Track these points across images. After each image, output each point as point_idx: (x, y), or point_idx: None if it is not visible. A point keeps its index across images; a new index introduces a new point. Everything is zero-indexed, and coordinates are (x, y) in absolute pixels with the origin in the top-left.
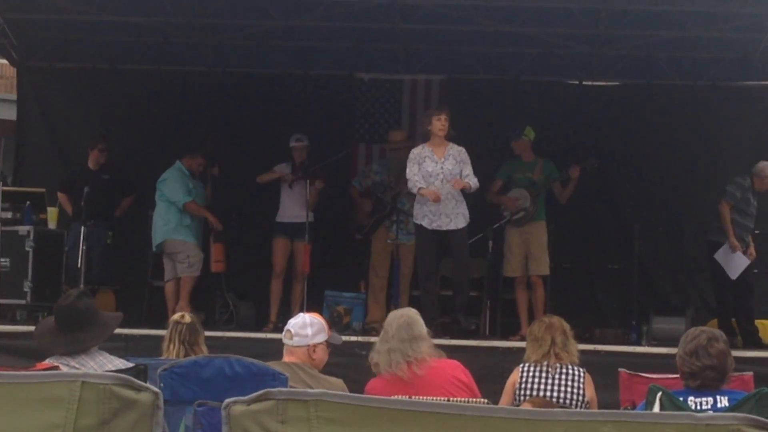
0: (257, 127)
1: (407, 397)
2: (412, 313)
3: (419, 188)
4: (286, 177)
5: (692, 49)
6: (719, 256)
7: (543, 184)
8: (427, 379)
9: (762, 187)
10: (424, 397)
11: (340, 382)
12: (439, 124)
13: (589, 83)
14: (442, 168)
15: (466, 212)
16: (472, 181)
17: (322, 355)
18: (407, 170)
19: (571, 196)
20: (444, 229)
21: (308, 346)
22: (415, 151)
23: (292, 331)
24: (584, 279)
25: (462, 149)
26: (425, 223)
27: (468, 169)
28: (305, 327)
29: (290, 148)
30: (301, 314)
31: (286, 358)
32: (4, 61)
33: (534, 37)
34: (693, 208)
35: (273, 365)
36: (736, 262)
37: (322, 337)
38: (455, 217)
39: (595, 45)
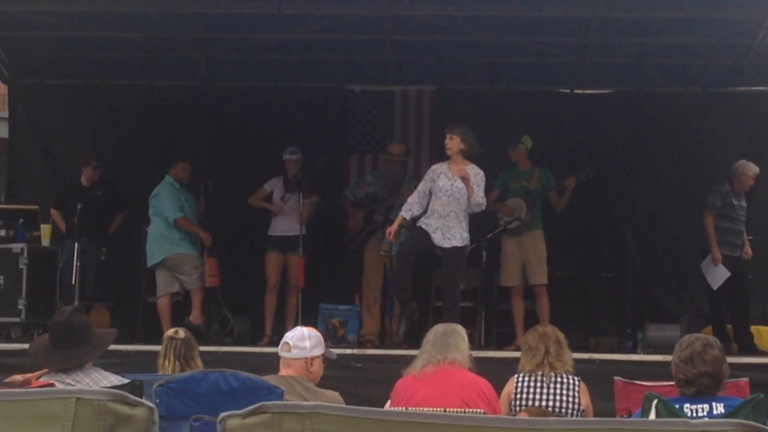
0: (249, 140)
1: (419, 409)
2: (454, 326)
3: (401, 215)
4: (275, 207)
5: (683, 56)
6: (703, 265)
7: (539, 193)
8: (450, 379)
9: (742, 187)
10: (430, 409)
11: (336, 395)
12: (444, 143)
13: (581, 92)
14: (452, 185)
15: (466, 234)
16: (479, 194)
17: (318, 369)
18: (416, 190)
19: (567, 205)
20: (440, 245)
21: (306, 358)
22: (434, 167)
23: (291, 343)
24: (578, 287)
25: (480, 173)
26: (424, 227)
27: (480, 192)
28: (303, 339)
29: (283, 161)
30: (299, 327)
31: (282, 372)
32: None
33: (525, 46)
34: (686, 215)
35: (269, 379)
36: (717, 274)
37: (319, 351)
38: (452, 236)
39: (586, 53)
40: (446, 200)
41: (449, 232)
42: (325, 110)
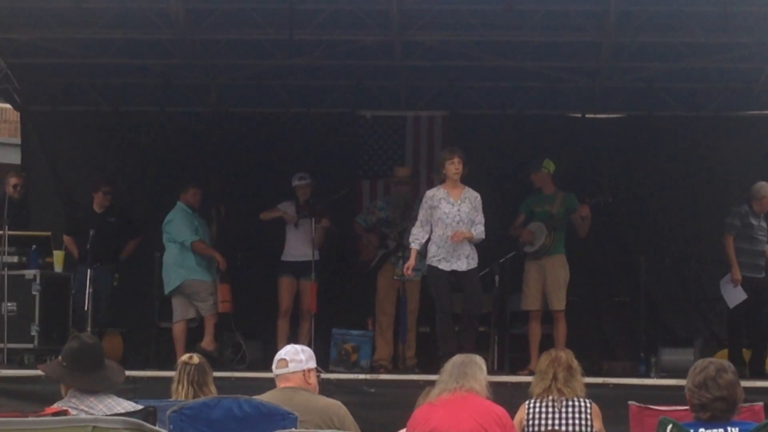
0: (261, 166)
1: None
2: (472, 356)
3: (413, 248)
4: (290, 217)
5: (694, 80)
6: (722, 282)
7: (562, 217)
8: (466, 404)
9: (762, 208)
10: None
11: (337, 403)
12: (453, 167)
13: (592, 116)
14: (458, 210)
15: (474, 255)
16: (477, 231)
17: (315, 382)
18: (417, 220)
19: (589, 230)
20: (459, 270)
21: (304, 371)
22: (429, 194)
23: (287, 358)
24: (591, 312)
25: (477, 196)
26: (442, 266)
27: (480, 218)
28: (298, 353)
29: (293, 187)
30: (288, 345)
31: (281, 386)
32: (8, 106)
33: (536, 71)
34: (698, 238)
35: (271, 393)
36: (734, 294)
37: (313, 363)
38: (464, 259)
39: (598, 78)
40: (456, 227)
41: (465, 256)
42: (337, 136)
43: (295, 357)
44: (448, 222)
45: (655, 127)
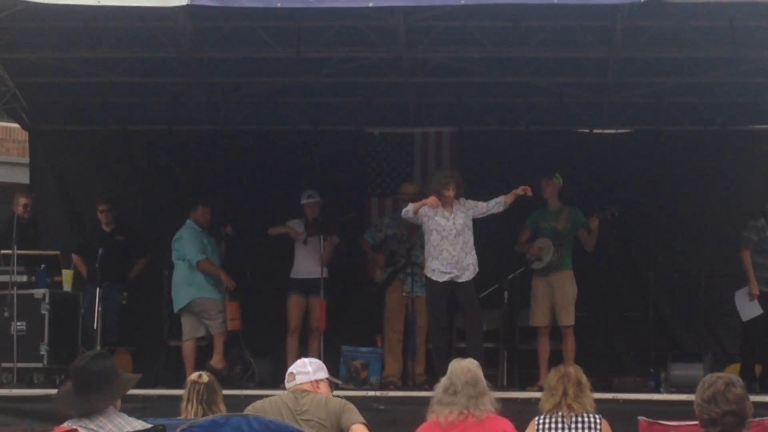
0: (269, 184)
1: None
2: (474, 367)
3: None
4: (296, 234)
5: (702, 95)
6: (737, 294)
7: (568, 233)
8: (475, 428)
9: None
10: None
11: (343, 401)
12: (447, 193)
13: (600, 131)
14: (454, 223)
15: (476, 262)
16: (496, 202)
17: (326, 391)
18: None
19: (595, 244)
20: (455, 281)
21: (311, 381)
22: (422, 210)
23: (294, 371)
24: (600, 327)
25: (463, 199)
26: (436, 277)
27: (482, 205)
28: (305, 366)
29: (301, 205)
30: (299, 359)
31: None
32: (16, 125)
33: (543, 86)
34: (707, 253)
35: (278, 398)
36: (749, 308)
37: (323, 374)
38: (465, 270)
39: (605, 93)
40: (453, 239)
41: (466, 268)
42: (345, 153)
43: (302, 369)
44: (445, 235)
45: (663, 141)
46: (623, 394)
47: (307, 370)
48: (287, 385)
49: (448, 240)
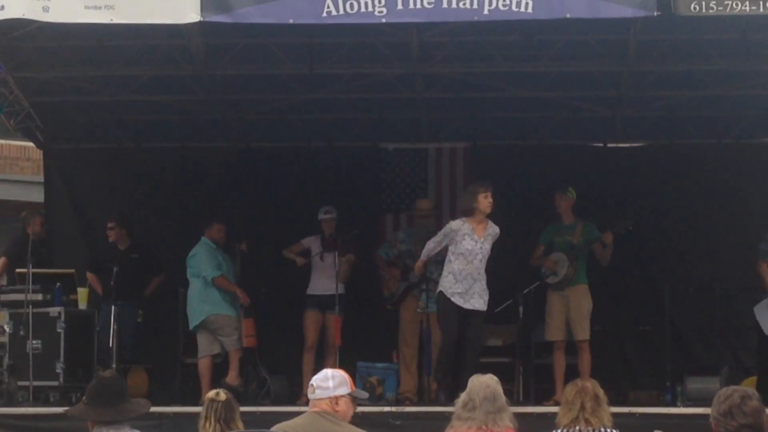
0: (283, 200)
1: None
2: (493, 383)
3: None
4: (302, 261)
5: (715, 108)
6: (757, 308)
7: (582, 247)
8: None
9: None
10: None
11: (359, 431)
12: (486, 201)
13: (614, 145)
14: (481, 248)
15: (487, 297)
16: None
17: (345, 408)
18: (432, 239)
19: (610, 258)
20: (469, 308)
21: (330, 398)
22: (455, 226)
23: (315, 384)
24: (616, 341)
25: (497, 229)
26: (455, 300)
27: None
28: (327, 380)
29: (318, 221)
30: (324, 369)
31: (309, 411)
32: (31, 144)
33: (556, 101)
34: (722, 266)
35: (297, 418)
36: None
37: (344, 390)
38: (479, 297)
39: (618, 107)
40: (478, 264)
41: (483, 294)
42: (359, 169)
43: (323, 384)
44: (470, 259)
45: (677, 155)
46: (639, 408)
47: (327, 385)
48: (309, 395)
49: (473, 265)
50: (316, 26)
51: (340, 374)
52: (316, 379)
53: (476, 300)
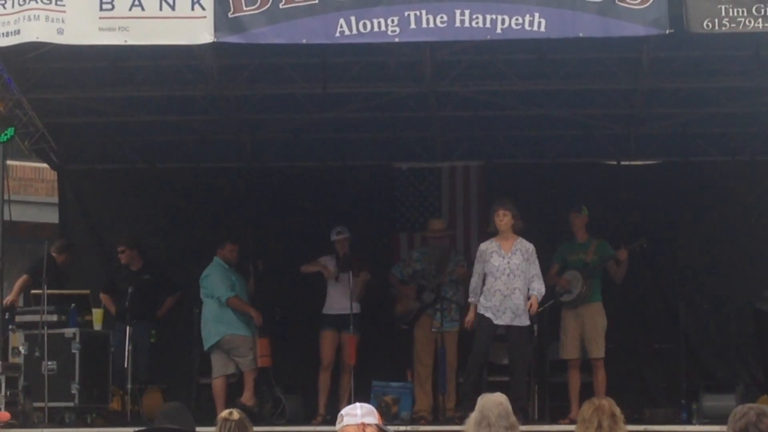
0: (298, 220)
1: None
2: (504, 400)
3: (470, 304)
4: (329, 272)
5: (729, 125)
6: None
7: (596, 266)
8: None
9: None
10: None
11: None
12: (497, 219)
13: (628, 163)
14: (508, 263)
15: (526, 315)
16: (536, 289)
17: None
18: (473, 277)
19: (625, 276)
20: (500, 323)
21: (358, 425)
22: (483, 247)
23: (343, 413)
24: (631, 359)
25: (531, 247)
26: (488, 315)
27: (534, 269)
28: (355, 409)
29: (332, 242)
30: (352, 404)
31: None
32: (45, 165)
33: (570, 119)
34: (737, 284)
35: None
36: None
37: (372, 419)
38: (511, 313)
39: (632, 124)
40: (506, 279)
41: (517, 311)
42: (373, 188)
43: (351, 411)
44: (498, 275)
45: (691, 172)
46: (655, 426)
47: (355, 413)
48: (336, 426)
49: (501, 280)
50: (329, 46)
51: (368, 405)
52: (345, 410)
53: (508, 316)
